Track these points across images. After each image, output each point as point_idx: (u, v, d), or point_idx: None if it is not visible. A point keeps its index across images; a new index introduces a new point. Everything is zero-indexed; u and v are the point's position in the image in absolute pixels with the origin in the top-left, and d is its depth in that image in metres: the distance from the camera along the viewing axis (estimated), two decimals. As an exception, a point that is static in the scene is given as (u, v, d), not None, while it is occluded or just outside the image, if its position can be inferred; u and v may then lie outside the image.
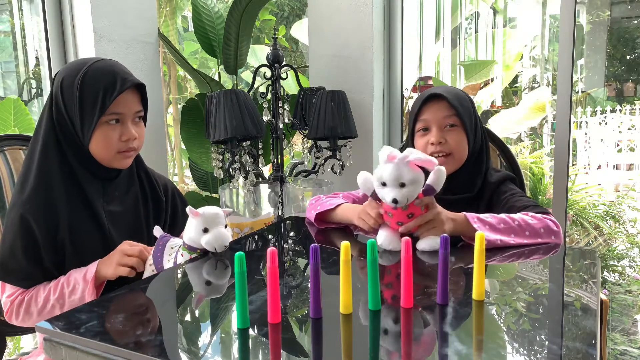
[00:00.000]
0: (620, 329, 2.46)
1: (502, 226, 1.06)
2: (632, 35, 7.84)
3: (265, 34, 5.63)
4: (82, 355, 0.70)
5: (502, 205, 1.21)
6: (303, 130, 1.94)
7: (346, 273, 0.73)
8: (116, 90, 1.04)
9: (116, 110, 1.06)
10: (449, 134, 1.23)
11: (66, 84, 1.05)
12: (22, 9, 2.31)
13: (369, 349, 0.67)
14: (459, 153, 1.24)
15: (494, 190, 1.24)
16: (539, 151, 3.92)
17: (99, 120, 1.05)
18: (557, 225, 1.10)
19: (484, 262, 0.78)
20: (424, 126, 1.26)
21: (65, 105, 1.06)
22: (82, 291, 1.03)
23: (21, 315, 1.05)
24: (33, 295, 1.05)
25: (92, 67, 1.06)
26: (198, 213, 1.04)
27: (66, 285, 1.04)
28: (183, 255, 1.05)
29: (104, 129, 1.06)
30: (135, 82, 1.09)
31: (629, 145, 5.73)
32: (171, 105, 3.92)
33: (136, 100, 1.11)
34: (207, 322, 0.79)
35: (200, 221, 1.03)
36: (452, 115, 1.23)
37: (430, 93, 1.26)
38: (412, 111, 1.30)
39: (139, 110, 1.12)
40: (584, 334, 0.69)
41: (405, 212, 1.05)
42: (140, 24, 2.00)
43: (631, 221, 3.18)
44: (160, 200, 1.22)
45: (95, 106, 1.04)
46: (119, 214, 1.13)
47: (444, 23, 4.33)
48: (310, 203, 1.34)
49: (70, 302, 1.03)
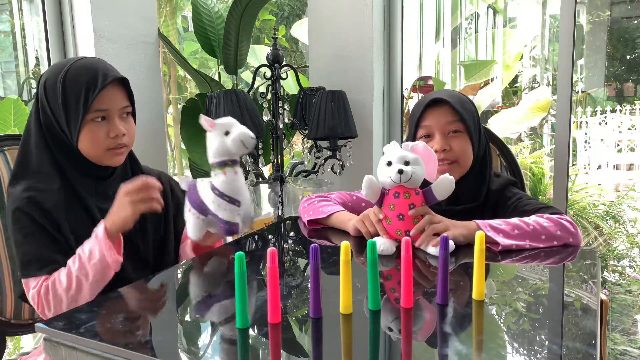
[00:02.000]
0: (620, 329, 2.46)
1: (515, 232, 1.02)
2: (632, 35, 7.85)
3: (265, 34, 5.63)
4: (82, 355, 0.70)
5: (509, 210, 1.17)
6: (303, 130, 1.94)
7: (346, 273, 0.73)
8: (98, 86, 1.03)
9: (100, 107, 1.05)
10: (453, 140, 1.19)
11: (49, 85, 1.05)
12: (22, 9, 2.31)
13: (369, 349, 0.67)
14: (464, 160, 1.20)
15: (498, 197, 1.21)
16: (539, 151, 3.92)
17: (84, 119, 1.03)
18: (574, 226, 1.06)
19: (484, 262, 0.78)
20: (426, 133, 1.22)
21: (51, 107, 1.05)
22: (99, 251, 0.99)
23: (51, 302, 0.99)
24: (56, 278, 1.00)
25: (73, 66, 1.05)
26: (213, 122, 1.04)
27: (82, 254, 1.00)
28: (217, 174, 1.05)
29: (91, 127, 1.05)
30: (118, 77, 1.07)
31: (629, 145, 5.73)
32: (171, 105, 3.92)
33: (121, 95, 1.09)
34: (207, 322, 0.79)
35: (220, 127, 1.03)
36: (456, 121, 1.19)
37: (433, 98, 1.21)
38: (413, 117, 1.25)
39: (126, 105, 1.10)
40: (584, 334, 0.69)
41: (407, 201, 1.05)
42: (140, 24, 2.00)
43: (631, 221, 3.18)
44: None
45: (78, 104, 1.03)
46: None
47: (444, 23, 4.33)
48: (302, 204, 1.32)
49: (92, 268, 0.99)
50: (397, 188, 1.06)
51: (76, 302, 0.98)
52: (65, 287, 0.99)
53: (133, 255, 1.12)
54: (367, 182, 1.08)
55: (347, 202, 1.33)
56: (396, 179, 1.04)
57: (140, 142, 1.42)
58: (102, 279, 1.00)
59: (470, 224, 1.05)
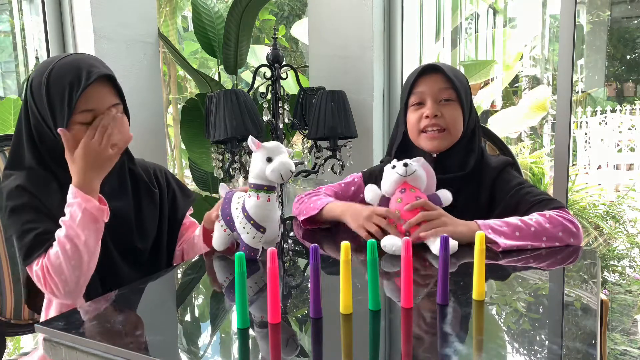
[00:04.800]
0: (621, 329, 2.46)
1: (517, 234, 1.02)
2: (632, 35, 7.84)
3: (265, 34, 5.63)
4: (82, 355, 0.70)
5: (508, 196, 1.16)
6: (303, 130, 1.94)
7: (346, 273, 0.73)
8: (82, 85, 0.97)
9: (87, 107, 1.00)
10: (445, 108, 1.19)
11: (35, 85, 1.01)
12: (22, 9, 2.31)
13: (369, 349, 0.67)
14: (454, 129, 1.19)
15: (495, 177, 1.20)
16: (539, 151, 3.92)
17: (70, 120, 0.98)
18: (576, 226, 1.05)
19: (484, 262, 0.78)
20: (419, 100, 1.21)
21: (38, 108, 1.01)
22: (78, 207, 0.96)
23: (55, 277, 0.94)
24: (50, 252, 0.96)
25: (57, 65, 1.00)
26: (260, 144, 1.00)
27: (65, 219, 0.97)
28: (250, 196, 1.01)
29: (78, 129, 1.00)
30: (102, 74, 1.00)
31: (629, 145, 5.73)
32: (171, 105, 3.92)
33: (109, 92, 1.03)
34: (207, 322, 0.79)
35: (264, 151, 1.00)
36: (449, 89, 1.19)
37: (426, 65, 1.21)
38: (407, 84, 1.24)
39: (115, 103, 1.04)
40: (584, 334, 0.69)
41: (413, 194, 1.09)
42: (140, 24, 2.00)
43: (631, 221, 3.18)
44: (154, 193, 1.17)
45: (63, 105, 0.98)
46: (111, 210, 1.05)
47: (444, 23, 4.33)
48: (295, 205, 1.32)
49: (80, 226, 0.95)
50: (403, 184, 1.11)
51: (80, 271, 0.94)
52: (62, 257, 0.94)
53: (130, 254, 1.11)
54: (370, 189, 1.17)
55: (337, 191, 1.33)
56: (402, 172, 1.10)
57: (140, 142, 1.42)
58: (95, 234, 0.97)
59: (471, 224, 1.05)
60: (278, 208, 1.04)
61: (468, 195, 1.19)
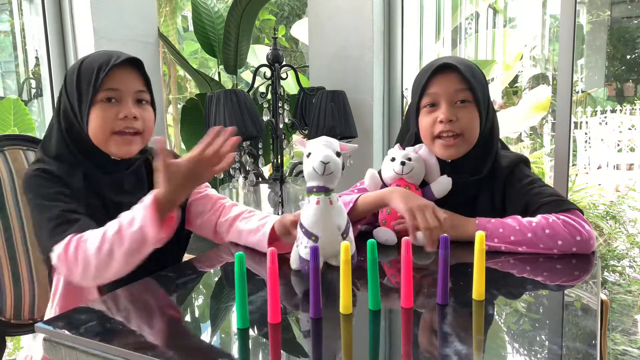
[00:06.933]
0: (621, 329, 2.46)
1: (512, 238, 1.00)
2: (632, 35, 7.85)
3: (265, 33, 5.63)
4: (82, 355, 0.70)
5: (520, 194, 1.10)
6: (303, 130, 1.94)
7: (346, 273, 0.73)
8: (109, 65, 1.01)
9: (111, 86, 1.02)
10: (460, 111, 1.09)
11: (69, 75, 1.07)
12: (22, 9, 2.31)
13: (369, 349, 0.67)
14: (470, 134, 1.10)
15: (507, 175, 1.13)
16: (539, 151, 3.92)
17: (94, 98, 1.01)
18: (584, 234, 0.99)
19: (484, 262, 0.78)
20: (432, 101, 1.11)
21: (67, 93, 1.06)
22: (141, 220, 0.87)
23: (79, 260, 0.89)
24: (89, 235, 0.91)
25: (91, 54, 1.07)
26: (304, 141, 0.93)
27: (123, 218, 0.91)
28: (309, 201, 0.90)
29: (100, 107, 1.02)
30: (130, 57, 1.04)
31: (629, 145, 5.73)
32: (171, 105, 3.92)
33: (135, 78, 1.06)
34: (207, 322, 0.79)
35: (306, 148, 0.91)
36: (465, 90, 1.09)
37: (441, 63, 1.10)
38: (418, 83, 1.14)
39: (141, 89, 1.06)
40: (584, 334, 0.69)
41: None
42: (140, 24, 2.00)
43: (631, 221, 3.18)
44: None
45: (89, 85, 1.02)
46: (127, 206, 1.00)
47: (444, 23, 4.33)
48: None
49: (129, 237, 0.88)
50: (398, 181, 1.13)
51: (104, 270, 0.89)
52: (96, 247, 0.88)
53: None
54: (370, 174, 1.18)
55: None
56: (399, 170, 1.12)
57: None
58: (137, 252, 0.89)
59: (470, 224, 1.04)
60: (339, 215, 0.90)
61: (484, 199, 1.14)
